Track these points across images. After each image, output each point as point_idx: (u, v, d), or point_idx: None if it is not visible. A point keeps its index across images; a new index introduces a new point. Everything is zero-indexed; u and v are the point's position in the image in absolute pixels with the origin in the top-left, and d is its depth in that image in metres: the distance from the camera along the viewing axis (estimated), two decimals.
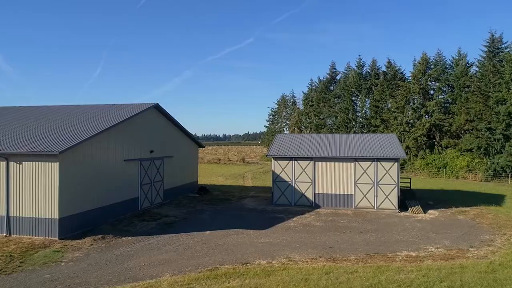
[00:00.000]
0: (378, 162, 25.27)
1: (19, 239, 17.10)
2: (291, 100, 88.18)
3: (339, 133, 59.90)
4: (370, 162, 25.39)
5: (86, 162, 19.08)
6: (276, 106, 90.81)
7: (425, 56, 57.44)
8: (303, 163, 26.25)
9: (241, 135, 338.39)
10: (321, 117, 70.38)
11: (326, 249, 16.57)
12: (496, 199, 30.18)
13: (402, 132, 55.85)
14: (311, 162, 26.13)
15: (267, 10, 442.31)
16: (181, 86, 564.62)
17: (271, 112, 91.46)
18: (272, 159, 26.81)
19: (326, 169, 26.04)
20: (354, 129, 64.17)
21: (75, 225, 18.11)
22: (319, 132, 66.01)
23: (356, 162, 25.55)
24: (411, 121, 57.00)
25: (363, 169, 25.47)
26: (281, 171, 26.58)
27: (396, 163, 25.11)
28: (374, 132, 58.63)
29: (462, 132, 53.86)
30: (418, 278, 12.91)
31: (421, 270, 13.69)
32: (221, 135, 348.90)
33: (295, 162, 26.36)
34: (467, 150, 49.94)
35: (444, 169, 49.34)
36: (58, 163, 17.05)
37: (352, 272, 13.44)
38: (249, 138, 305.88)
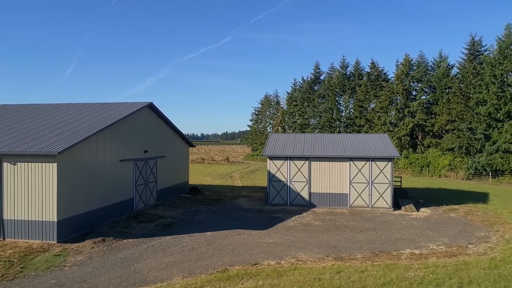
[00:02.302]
0: (373, 162, 25.62)
1: (15, 243, 16.42)
2: (275, 99, 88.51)
3: (323, 132, 60.61)
4: (364, 162, 25.71)
5: (84, 162, 18.51)
6: (260, 105, 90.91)
7: (407, 57, 58.85)
8: (299, 163, 26.32)
9: (220, 134, 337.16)
10: (305, 116, 70.93)
11: (331, 248, 16.67)
12: (481, 197, 31.15)
13: (386, 132, 56.87)
14: (307, 161, 26.23)
15: (242, 9, 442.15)
16: (157, 85, 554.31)
17: (254, 111, 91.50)
18: (268, 158, 26.75)
19: (321, 169, 26.20)
20: (338, 129, 64.97)
21: (74, 227, 17.54)
22: (304, 132, 66.50)
23: (351, 162, 25.82)
24: (395, 121, 58.20)
25: (358, 169, 25.76)
26: (277, 171, 26.56)
27: (390, 162, 25.53)
28: (358, 131, 59.54)
29: (444, 132, 55.43)
30: (427, 275, 13.16)
31: (428, 268, 13.97)
32: (199, 135, 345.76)
33: (291, 161, 26.39)
34: (449, 149, 51.42)
35: (427, 168, 50.59)
36: (56, 163, 16.46)
37: (362, 271, 13.58)
38: (228, 138, 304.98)
